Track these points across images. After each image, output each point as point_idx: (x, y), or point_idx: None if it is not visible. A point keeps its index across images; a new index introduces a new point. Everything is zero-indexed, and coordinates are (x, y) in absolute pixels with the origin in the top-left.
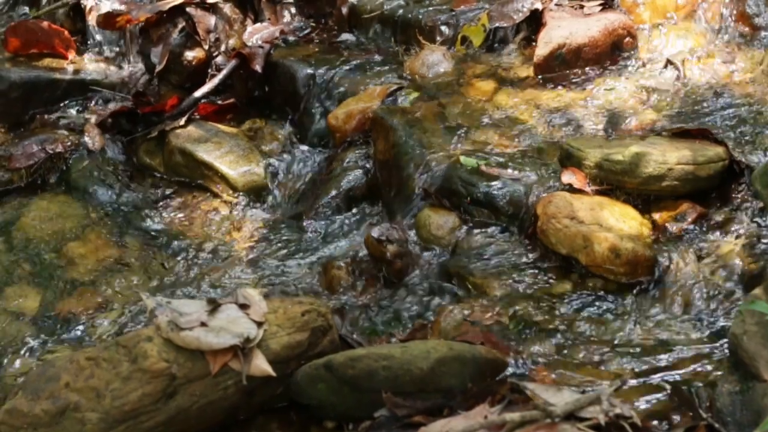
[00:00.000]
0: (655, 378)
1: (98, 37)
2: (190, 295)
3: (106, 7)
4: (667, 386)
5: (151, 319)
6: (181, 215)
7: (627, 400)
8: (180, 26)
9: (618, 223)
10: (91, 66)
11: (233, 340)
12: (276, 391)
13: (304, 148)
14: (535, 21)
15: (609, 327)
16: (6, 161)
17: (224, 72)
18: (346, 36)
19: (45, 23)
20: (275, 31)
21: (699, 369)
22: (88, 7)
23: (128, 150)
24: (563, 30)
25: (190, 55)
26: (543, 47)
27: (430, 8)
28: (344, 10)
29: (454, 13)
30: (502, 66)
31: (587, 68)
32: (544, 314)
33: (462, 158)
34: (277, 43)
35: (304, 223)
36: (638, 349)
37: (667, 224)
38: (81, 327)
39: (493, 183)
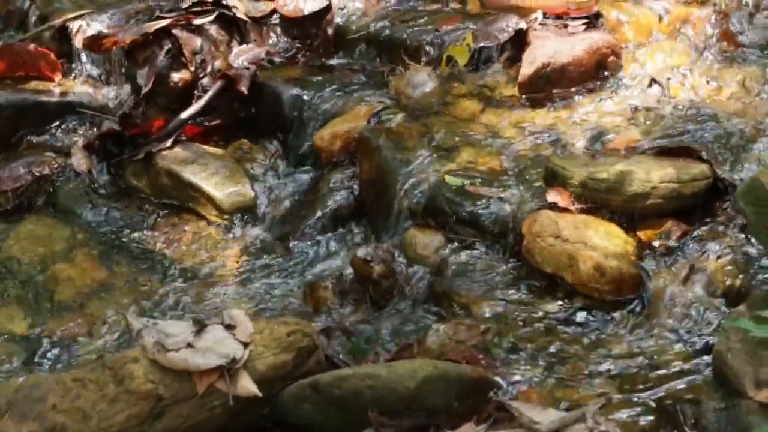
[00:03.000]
0: (641, 395)
1: (85, 60)
2: (177, 316)
3: (92, 30)
4: (652, 404)
5: (138, 340)
6: (167, 236)
7: (612, 418)
8: (166, 48)
9: (603, 242)
10: (77, 88)
11: (219, 361)
12: (262, 411)
13: (291, 168)
14: (519, 40)
15: (594, 345)
16: None
17: (210, 93)
18: (331, 57)
19: (31, 46)
20: (261, 52)
21: (684, 386)
22: (74, 30)
23: (115, 172)
24: (548, 49)
25: (176, 76)
26: (528, 66)
27: (416, 28)
28: (330, 31)
29: (439, 33)
30: (487, 85)
31: (572, 87)
32: (529, 333)
33: (447, 178)
34: (263, 65)
35: (291, 244)
36: (623, 367)
37: (652, 242)
38: (68, 348)
39: (479, 202)
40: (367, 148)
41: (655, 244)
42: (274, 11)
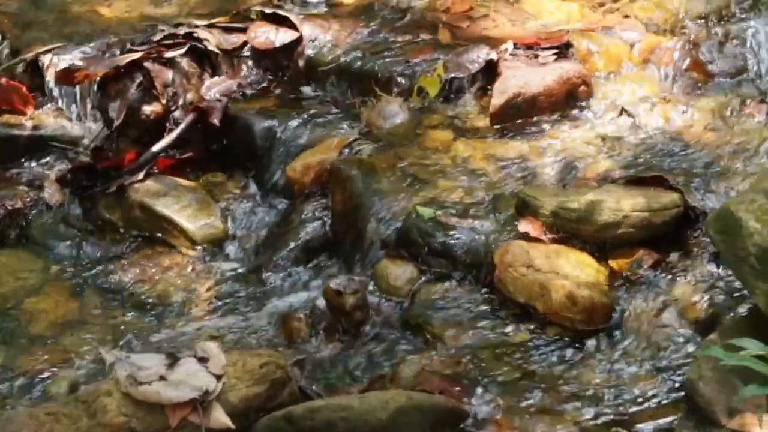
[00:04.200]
0: (613, 424)
1: (57, 93)
2: (149, 349)
3: (64, 63)
4: None
5: (111, 373)
6: (140, 269)
7: None
8: (137, 81)
9: (575, 271)
10: (49, 122)
11: (192, 394)
12: None
13: (263, 200)
14: (490, 71)
15: (567, 374)
16: None
17: (182, 126)
18: (303, 88)
19: (3, 79)
20: (233, 84)
21: (657, 414)
22: (46, 64)
23: (88, 205)
24: (518, 80)
25: (147, 109)
26: (499, 97)
27: (387, 60)
28: (301, 62)
29: (410, 64)
30: (458, 116)
31: (543, 117)
32: (502, 362)
33: (419, 208)
34: (235, 97)
35: (263, 276)
36: (596, 396)
37: (623, 271)
38: (41, 382)
39: (451, 233)
40: (339, 179)
41: (627, 273)
42: (245, 43)
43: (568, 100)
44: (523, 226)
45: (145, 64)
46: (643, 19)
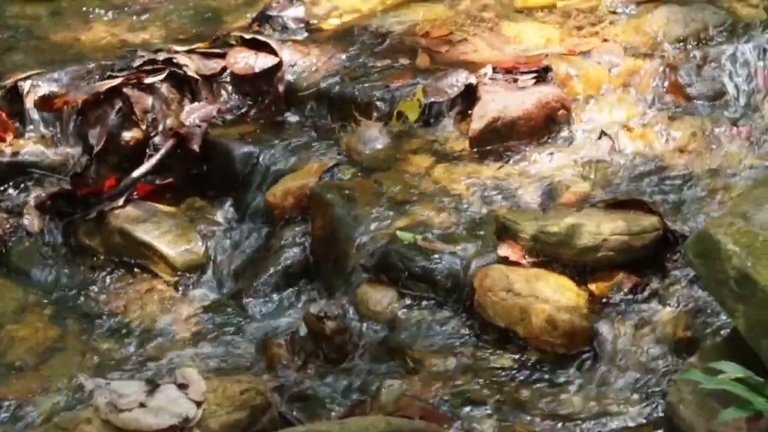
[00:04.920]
0: None
1: (36, 119)
2: (130, 375)
3: (43, 90)
4: None
5: (90, 400)
6: (121, 295)
7: None
8: (117, 107)
9: (555, 295)
10: (29, 148)
11: (172, 420)
12: None
13: (243, 225)
14: (469, 95)
15: (547, 398)
16: None
17: (162, 152)
18: (283, 114)
19: None
20: (212, 110)
21: None
22: (25, 90)
23: (68, 231)
24: (498, 104)
25: (127, 135)
26: (478, 121)
27: (366, 84)
28: (281, 87)
29: (389, 88)
30: (438, 140)
31: (522, 141)
32: (483, 387)
33: (399, 233)
34: (215, 122)
35: (244, 301)
36: (577, 419)
37: (603, 294)
38: (20, 409)
39: (431, 257)
40: (320, 204)
41: (607, 296)
42: (224, 69)
43: (548, 124)
44: (503, 250)
45: (125, 90)
46: (622, 43)
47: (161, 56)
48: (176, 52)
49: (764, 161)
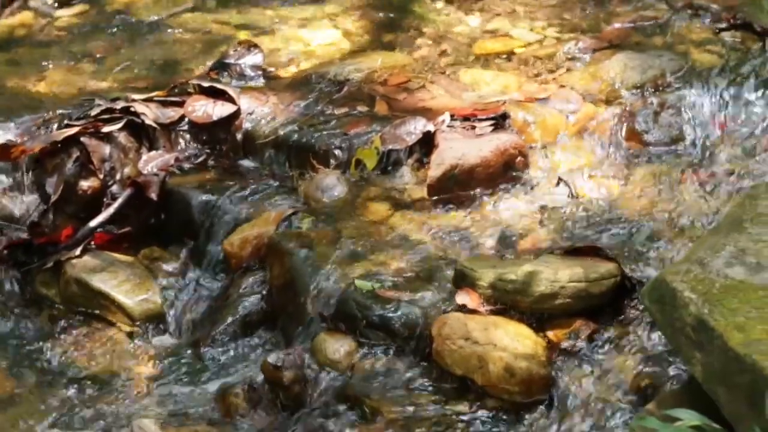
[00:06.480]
0: None
1: None
2: (87, 427)
3: (0, 139)
4: None
5: None
6: (77, 346)
7: None
8: (74, 156)
9: (513, 343)
10: None
11: None
12: None
13: (201, 275)
14: (427, 143)
15: None
16: None
17: (119, 201)
18: (241, 162)
19: None
20: (170, 158)
21: None
22: None
23: (24, 281)
24: (455, 151)
25: (85, 184)
26: (436, 168)
27: (324, 132)
28: (239, 136)
29: (347, 136)
30: (396, 188)
31: (480, 188)
32: None
33: (357, 282)
34: (173, 171)
35: (202, 351)
36: None
37: (561, 342)
38: None
39: (389, 306)
40: (278, 252)
41: (565, 344)
42: (182, 117)
43: (506, 171)
44: (461, 297)
45: (82, 139)
46: (579, 89)
47: (119, 105)
48: (134, 100)
49: (721, 208)
